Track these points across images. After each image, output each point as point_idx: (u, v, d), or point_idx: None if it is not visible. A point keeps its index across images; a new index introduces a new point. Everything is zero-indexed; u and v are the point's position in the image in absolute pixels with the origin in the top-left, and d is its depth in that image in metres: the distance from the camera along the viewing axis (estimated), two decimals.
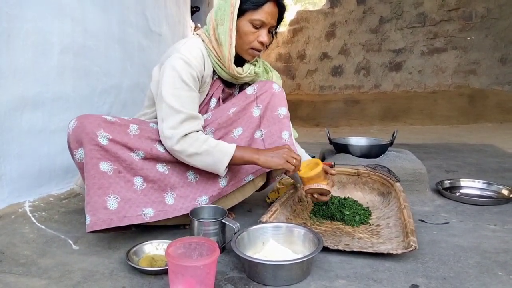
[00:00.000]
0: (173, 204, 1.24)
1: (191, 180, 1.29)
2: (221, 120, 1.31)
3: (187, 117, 1.19)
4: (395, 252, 1.08)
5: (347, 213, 1.41)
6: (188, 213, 1.24)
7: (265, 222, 1.20)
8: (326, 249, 1.12)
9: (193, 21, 3.75)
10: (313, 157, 2.41)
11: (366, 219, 1.40)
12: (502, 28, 4.91)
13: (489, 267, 1.07)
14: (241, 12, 1.23)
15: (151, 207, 1.20)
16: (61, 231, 1.32)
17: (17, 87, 1.48)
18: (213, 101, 1.37)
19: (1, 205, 1.45)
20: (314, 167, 1.27)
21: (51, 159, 1.67)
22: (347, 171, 1.73)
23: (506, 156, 2.74)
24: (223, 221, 1.14)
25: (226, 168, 1.20)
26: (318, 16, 6.09)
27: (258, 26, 1.24)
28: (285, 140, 1.31)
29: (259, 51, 1.30)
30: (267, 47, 1.37)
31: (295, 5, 12.12)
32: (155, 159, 1.23)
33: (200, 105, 1.34)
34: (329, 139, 2.06)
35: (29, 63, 1.53)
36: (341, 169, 1.74)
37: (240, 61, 1.34)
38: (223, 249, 1.17)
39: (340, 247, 1.12)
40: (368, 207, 1.51)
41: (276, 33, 1.36)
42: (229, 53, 1.25)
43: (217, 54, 1.28)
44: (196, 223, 1.14)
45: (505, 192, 1.77)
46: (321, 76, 6.11)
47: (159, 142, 1.25)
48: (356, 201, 1.53)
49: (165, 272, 1.01)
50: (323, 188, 1.26)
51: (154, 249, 1.15)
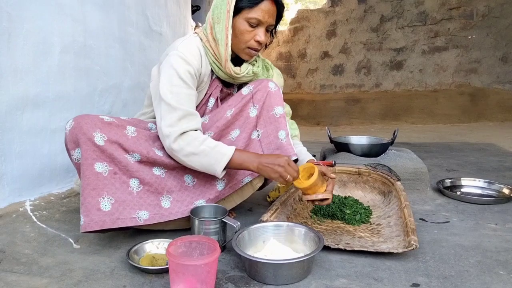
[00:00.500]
0: (169, 207, 1.22)
1: (188, 183, 1.27)
2: (220, 123, 1.29)
3: (184, 114, 1.17)
4: (395, 251, 1.08)
5: (348, 212, 1.41)
6: (185, 218, 1.24)
7: (266, 221, 1.20)
8: (326, 248, 1.12)
9: (193, 20, 3.75)
10: (314, 156, 2.42)
11: (366, 218, 1.40)
12: (503, 26, 4.90)
13: (490, 266, 1.07)
14: (238, 10, 1.20)
15: (146, 209, 1.18)
16: (62, 230, 1.32)
17: (17, 86, 1.49)
18: (211, 101, 1.35)
19: (2, 204, 1.45)
20: (310, 171, 1.22)
21: (52, 158, 1.67)
22: (347, 170, 1.74)
23: (507, 155, 2.73)
24: (223, 220, 1.14)
25: (223, 170, 1.18)
26: (318, 15, 6.09)
27: (254, 24, 1.21)
28: (282, 139, 1.26)
29: (256, 50, 1.26)
30: (266, 46, 1.34)
31: (296, 4, 12.10)
32: (152, 163, 1.21)
33: (198, 105, 1.33)
34: (330, 138, 2.06)
35: (29, 62, 1.53)
36: (342, 168, 1.74)
37: (238, 61, 1.32)
38: (224, 248, 1.17)
39: (340, 246, 1.13)
40: (368, 206, 1.51)
41: (275, 32, 1.32)
42: (226, 52, 1.23)
43: (214, 53, 1.26)
44: (196, 222, 1.14)
45: (506, 191, 1.76)
46: (322, 75, 6.11)
47: (157, 146, 1.24)
48: (356, 200, 1.53)
49: (166, 271, 1.01)
50: (322, 197, 1.21)
51: (155, 248, 1.15)
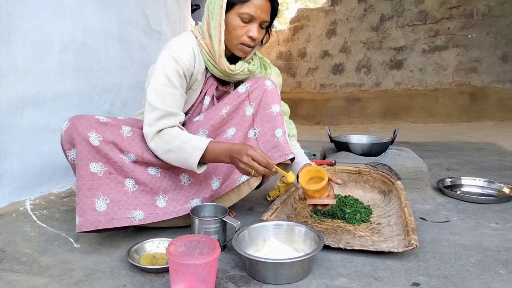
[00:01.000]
0: (164, 207, 1.22)
1: (184, 183, 1.27)
2: (214, 121, 1.28)
3: (163, 114, 1.16)
4: (396, 250, 1.08)
5: (348, 211, 1.41)
6: (181, 216, 1.24)
7: (266, 220, 1.20)
8: (327, 247, 1.12)
9: (193, 19, 3.75)
10: (314, 155, 2.42)
11: (367, 218, 1.40)
12: (503, 25, 4.89)
13: (490, 265, 1.07)
14: (231, 6, 1.19)
15: (141, 209, 1.19)
16: (62, 230, 1.32)
17: (17, 85, 1.48)
18: (207, 99, 1.34)
19: (2, 203, 1.45)
20: (313, 174, 1.20)
21: (52, 157, 1.67)
22: (348, 169, 1.73)
23: (507, 154, 2.73)
24: (224, 219, 1.14)
25: (201, 165, 1.15)
26: (318, 14, 6.07)
27: (247, 20, 1.20)
28: (279, 138, 1.25)
29: (249, 46, 1.25)
30: (262, 43, 1.33)
31: (296, 3, 12.10)
32: (146, 163, 1.21)
33: (193, 104, 1.33)
34: (330, 137, 2.06)
35: (29, 61, 1.53)
36: (342, 167, 1.74)
37: (234, 59, 1.31)
38: (224, 247, 1.17)
39: (341, 245, 1.12)
40: (369, 205, 1.51)
41: (270, 29, 1.31)
42: (219, 48, 1.22)
43: (209, 50, 1.25)
44: (197, 221, 1.14)
45: (506, 190, 1.76)
46: (322, 74, 6.10)
47: None
48: (357, 200, 1.53)
49: (166, 270, 1.01)
50: (327, 202, 1.18)
51: (155, 247, 1.15)
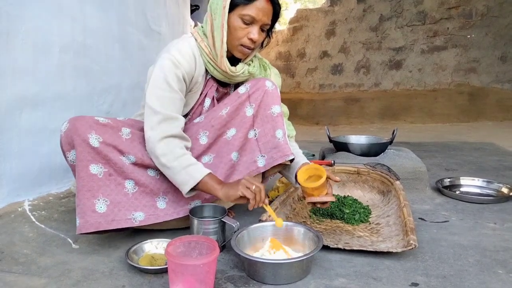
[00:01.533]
0: (164, 208, 1.22)
1: None
2: (214, 122, 1.28)
3: (164, 118, 1.17)
4: (395, 250, 1.08)
5: (347, 211, 1.41)
6: (181, 218, 1.24)
7: (265, 220, 1.20)
8: (326, 248, 1.12)
9: (192, 19, 3.74)
10: (313, 155, 2.42)
11: (366, 218, 1.40)
12: (502, 26, 4.90)
13: (489, 265, 1.07)
14: (233, 7, 1.20)
15: (142, 211, 1.19)
16: (61, 230, 1.32)
17: (17, 86, 1.48)
18: (207, 101, 1.34)
19: (1, 204, 1.45)
20: (312, 172, 1.21)
21: (50, 158, 1.67)
22: (347, 170, 1.74)
23: (506, 154, 2.74)
24: (223, 219, 1.14)
25: (190, 192, 1.16)
26: (318, 14, 6.08)
27: (248, 22, 1.20)
28: (279, 139, 1.25)
29: (249, 48, 1.25)
30: (263, 46, 1.34)
31: (295, 3, 12.10)
32: (146, 166, 1.21)
33: (194, 106, 1.33)
34: (329, 138, 2.06)
35: (29, 62, 1.53)
36: (341, 168, 1.74)
37: (234, 61, 1.31)
38: (223, 247, 1.17)
39: (340, 246, 1.13)
40: (368, 206, 1.51)
41: (271, 32, 1.31)
42: (221, 49, 1.22)
43: (209, 51, 1.26)
44: (196, 221, 1.14)
45: (505, 190, 1.76)
46: (321, 74, 6.10)
47: None
48: (356, 200, 1.53)
49: (165, 271, 1.01)
50: (326, 200, 1.18)
51: (153, 248, 1.15)
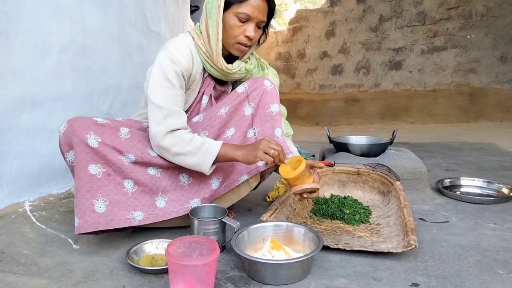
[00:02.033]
0: (164, 207, 1.23)
1: (184, 183, 1.28)
2: (214, 122, 1.29)
3: (169, 112, 1.18)
4: (395, 250, 1.08)
5: (347, 212, 1.41)
6: (180, 216, 1.24)
7: (265, 221, 1.20)
8: (326, 248, 1.12)
9: (192, 20, 3.75)
10: (313, 156, 2.42)
11: (366, 218, 1.40)
12: (502, 26, 4.90)
13: (489, 265, 1.07)
14: (228, 5, 1.21)
15: (141, 210, 1.19)
16: (61, 231, 1.32)
17: (16, 87, 1.48)
18: (205, 99, 1.35)
19: (1, 204, 1.45)
20: (295, 165, 1.18)
21: (50, 158, 1.67)
22: (347, 170, 1.73)
23: (506, 154, 2.74)
24: (223, 220, 1.14)
25: (211, 167, 1.18)
26: (317, 15, 6.08)
27: (244, 19, 1.21)
28: (278, 137, 1.27)
29: (246, 46, 1.26)
30: (259, 43, 1.35)
31: (295, 4, 12.10)
32: (146, 163, 1.22)
33: (192, 104, 1.34)
34: (329, 138, 2.06)
35: (28, 63, 1.53)
36: (341, 168, 1.74)
37: (231, 59, 1.32)
38: (223, 248, 1.17)
39: (340, 246, 1.13)
40: (368, 206, 1.51)
41: (267, 30, 1.33)
42: (217, 47, 1.23)
43: (206, 50, 1.26)
44: (196, 222, 1.14)
45: (505, 190, 1.76)
46: (321, 75, 6.10)
47: (151, 146, 1.24)
48: (356, 200, 1.53)
49: (165, 271, 1.01)
50: (310, 187, 1.17)
51: (154, 248, 1.15)
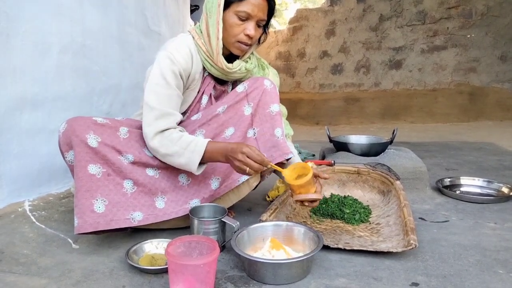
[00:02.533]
0: (163, 208, 1.23)
1: (183, 183, 1.27)
2: (212, 121, 1.28)
3: (161, 114, 1.17)
4: (395, 250, 1.08)
5: (347, 211, 1.41)
6: (181, 217, 1.24)
7: (265, 220, 1.20)
8: (326, 248, 1.12)
9: (192, 19, 3.74)
10: (313, 155, 2.42)
11: (366, 218, 1.40)
12: (502, 25, 4.89)
13: (489, 265, 1.07)
14: (228, 4, 1.21)
15: (140, 210, 1.19)
16: (61, 230, 1.32)
17: (16, 87, 1.48)
18: (205, 98, 1.34)
19: (1, 204, 1.45)
20: (301, 171, 1.16)
21: (50, 158, 1.67)
22: (347, 170, 1.73)
23: (506, 154, 2.73)
24: (223, 219, 1.14)
25: (199, 167, 1.17)
26: (317, 14, 6.07)
27: (244, 18, 1.21)
28: (278, 137, 1.26)
29: (246, 44, 1.26)
30: (260, 42, 1.35)
31: (295, 3, 12.09)
32: (144, 164, 1.22)
33: (191, 103, 1.33)
34: (329, 138, 2.06)
35: (28, 63, 1.53)
36: (341, 168, 1.74)
37: (232, 58, 1.31)
38: (223, 247, 1.17)
39: (340, 246, 1.13)
40: (368, 206, 1.51)
41: (267, 28, 1.32)
42: (217, 46, 1.23)
43: (206, 49, 1.26)
44: (196, 221, 1.14)
45: (505, 190, 1.76)
46: (321, 74, 6.10)
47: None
48: (356, 200, 1.53)
49: (165, 271, 1.01)
50: (313, 198, 1.14)
51: (154, 248, 1.15)
